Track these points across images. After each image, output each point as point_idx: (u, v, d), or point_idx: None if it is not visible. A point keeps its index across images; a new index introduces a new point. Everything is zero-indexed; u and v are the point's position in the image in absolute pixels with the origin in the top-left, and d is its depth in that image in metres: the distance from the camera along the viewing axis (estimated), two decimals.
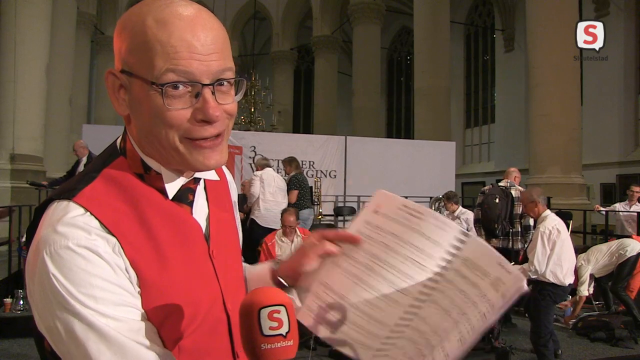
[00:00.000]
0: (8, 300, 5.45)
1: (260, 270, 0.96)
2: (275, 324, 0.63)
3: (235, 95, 0.75)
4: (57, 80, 12.25)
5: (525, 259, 4.41)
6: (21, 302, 5.33)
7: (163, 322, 0.72)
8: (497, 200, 5.69)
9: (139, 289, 0.70)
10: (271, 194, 6.45)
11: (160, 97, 0.69)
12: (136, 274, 0.70)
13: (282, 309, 0.64)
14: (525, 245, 5.55)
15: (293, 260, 0.87)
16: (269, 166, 6.86)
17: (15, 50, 9.92)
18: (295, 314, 0.67)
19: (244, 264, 0.98)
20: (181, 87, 0.69)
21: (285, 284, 0.88)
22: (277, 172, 9.51)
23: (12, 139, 9.98)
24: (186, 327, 0.74)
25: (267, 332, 0.63)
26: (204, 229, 0.81)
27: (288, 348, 0.64)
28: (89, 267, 0.66)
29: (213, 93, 0.71)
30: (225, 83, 0.73)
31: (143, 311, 0.70)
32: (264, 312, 0.63)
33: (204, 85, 0.70)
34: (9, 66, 9.96)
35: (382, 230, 0.80)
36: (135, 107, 0.73)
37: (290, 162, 7.16)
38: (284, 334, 0.64)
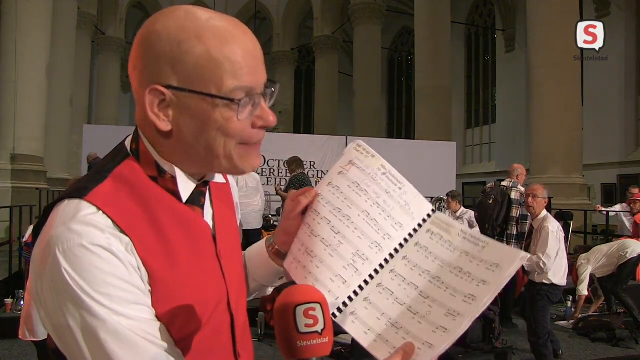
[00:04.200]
0: (9, 300, 5.45)
1: (258, 247, 0.99)
2: (310, 322, 0.64)
3: (270, 100, 0.80)
4: (57, 81, 12.26)
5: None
6: (22, 302, 5.32)
7: (171, 321, 0.72)
8: (490, 201, 5.60)
9: (149, 288, 0.71)
10: (243, 195, 6.10)
11: (229, 111, 0.72)
12: (147, 273, 0.71)
13: (318, 306, 0.65)
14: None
15: (281, 227, 0.91)
16: None
17: (16, 51, 9.94)
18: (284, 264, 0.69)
19: (242, 252, 1.01)
20: (247, 99, 0.73)
21: (283, 251, 0.91)
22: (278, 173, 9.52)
23: (12, 139, 9.99)
24: (193, 327, 0.75)
25: (303, 329, 0.63)
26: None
27: (324, 345, 0.64)
28: (104, 266, 0.66)
29: (266, 101, 0.77)
30: (268, 90, 0.78)
31: (154, 310, 0.71)
32: (300, 310, 0.64)
33: (261, 95, 0.75)
34: (9, 66, 9.98)
35: (357, 187, 0.82)
36: (188, 121, 0.73)
37: (292, 163, 7.10)
38: (320, 331, 0.64)
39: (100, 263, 0.66)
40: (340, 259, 0.78)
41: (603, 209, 8.74)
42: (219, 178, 0.86)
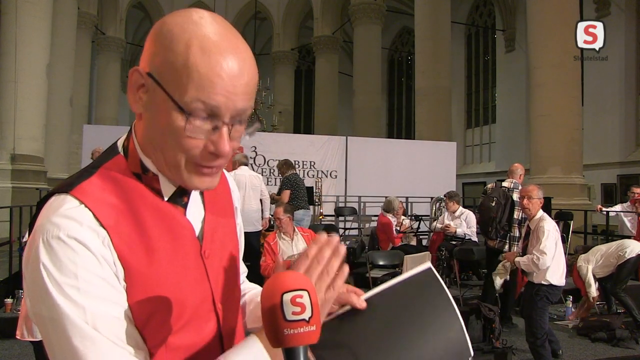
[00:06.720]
0: (9, 300, 5.46)
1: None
2: (298, 309, 0.63)
3: (246, 128, 0.77)
4: (57, 81, 12.25)
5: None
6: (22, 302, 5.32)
7: (149, 318, 0.73)
8: (493, 203, 5.55)
9: (124, 284, 0.72)
10: (243, 196, 6.07)
11: (183, 121, 0.71)
12: (123, 268, 0.71)
13: (305, 293, 0.64)
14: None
15: None
16: (245, 164, 6.60)
17: (16, 51, 9.94)
18: None
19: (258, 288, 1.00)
20: (205, 119, 0.71)
21: None
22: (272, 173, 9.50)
23: (12, 139, 9.99)
24: (173, 324, 0.75)
25: (289, 317, 0.62)
26: (197, 231, 0.82)
27: (311, 333, 0.63)
28: (77, 259, 0.68)
29: (229, 130, 0.73)
30: (242, 121, 0.75)
31: (126, 308, 0.71)
32: (287, 297, 0.63)
33: (224, 122, 0.72)
34: (9, 66, 9.98)
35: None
36: (152, 112, 0.74)
37: (282, 165, 7.17)
38: (307, 319, 0.63)
39: (74, 256, 0.67)
40: None
41: (604, 209, 8.72)
42: None
